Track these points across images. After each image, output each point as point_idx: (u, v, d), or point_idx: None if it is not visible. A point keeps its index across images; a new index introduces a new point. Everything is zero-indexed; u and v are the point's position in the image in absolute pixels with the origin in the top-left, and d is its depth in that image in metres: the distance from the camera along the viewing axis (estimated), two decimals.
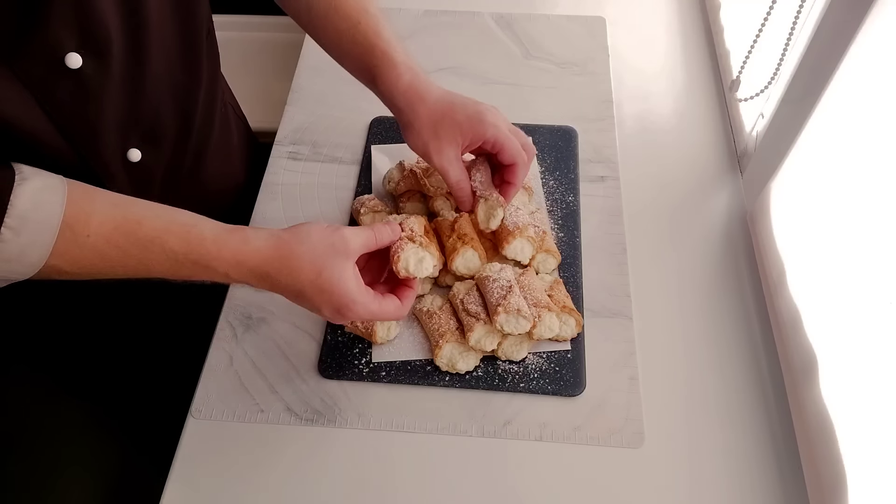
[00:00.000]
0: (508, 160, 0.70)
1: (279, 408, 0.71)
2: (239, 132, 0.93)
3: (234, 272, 0.59)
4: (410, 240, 0.68)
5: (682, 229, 0.84)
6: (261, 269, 0.59)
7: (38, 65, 0.55)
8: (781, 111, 0.78)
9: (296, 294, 0.61)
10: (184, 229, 0.58)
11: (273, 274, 0.60)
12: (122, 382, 0.88)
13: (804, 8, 0.73)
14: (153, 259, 0.57)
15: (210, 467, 0.68)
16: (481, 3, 1.09)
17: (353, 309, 0.61)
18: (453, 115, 0.69)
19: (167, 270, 0.58)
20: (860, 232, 0.60)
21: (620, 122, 0.95)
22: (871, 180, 0.59)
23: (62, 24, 0.54)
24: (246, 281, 0.60)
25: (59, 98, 0.57)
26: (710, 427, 0.70)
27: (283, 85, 1.01)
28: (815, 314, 0.67)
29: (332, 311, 0.61)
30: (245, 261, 0.59)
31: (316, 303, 0.61)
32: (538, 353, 0.73)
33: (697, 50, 1.04)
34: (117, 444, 0.84)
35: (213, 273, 0.59)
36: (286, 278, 0.60)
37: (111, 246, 0.56)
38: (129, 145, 0.68)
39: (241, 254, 0.59)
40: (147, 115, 0.67)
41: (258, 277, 0.60)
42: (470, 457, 0.68)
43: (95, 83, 0.59)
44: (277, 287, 0.61)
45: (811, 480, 0.64)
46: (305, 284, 0.60)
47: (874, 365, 0.56)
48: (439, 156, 0.70)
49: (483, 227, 0.75)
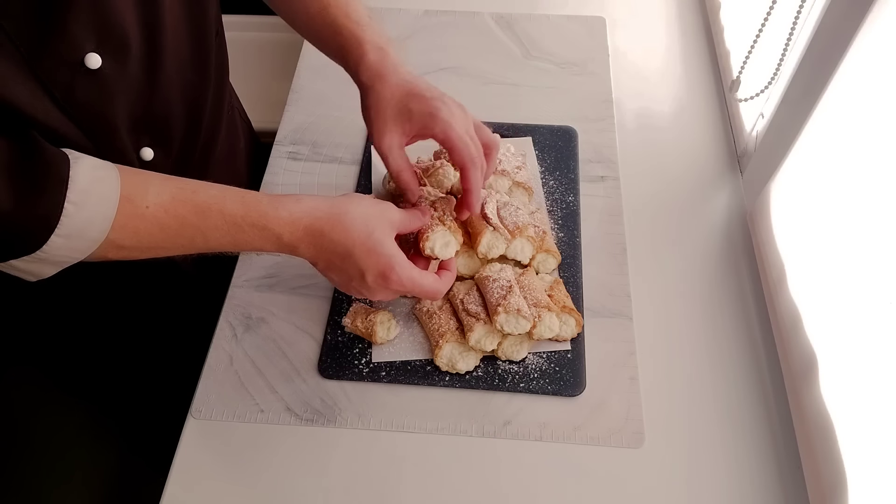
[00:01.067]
0: (457, 162, 0.67)
1: (279, 408, 0.71)
2: (245, 137, 0.93)
3: (288, 232, 0.60)
4: (441, 222, 0.70)
5: (682, 229, 0.84)
6: (315, 226, 0.60)
7: (59, 66, 0.55)
8: (781, 111, 0.78)
9: (344, 254, 0.61)
10: (238, 195, 0.59)
11: (326, 231, 0.60)
12: (122, 382, 0.88)
13: (804, 8, 0.73)
14: (211, 226, 0.58)
15: (210, 467, 0.68)
16: (481, 3, 1.09)
17: (398, 274, 0.62)
18: (408, 102, 0.66)
19: (224, 237, 0.59)
20: (860, 232, 0.60)
21: (620, 122, 0.95)
22: (871, 180, 0.59)
23: (81, 26, 0.55)
24: (297, 244, 0.61)
25: (78, 98, 0.58)
26: (710, 427, 0.70)
27: (283, 85, 1.01)
28: (815, 314, 0.67)
29: (375, 275, 0.62)
30: (300, 218, 0.60)
31: (363, 264, 0.61)
32: (538, 353, 0.73)
33: (697, 50, 1.04)
34: (117, 444, 0.84)
35: (269, 235, 0.60)
36: (339, 235, 0.61)
37: (170, 215, 0.56)
38: (142, 144, 0.69)
39: (296, 212, 0.60)
40: (159, 114, 0.68)
41: (312, 235, 0.61)
42: (470, 457, 0.68)
43: (114, 82, 0.60)
44: (328, 247, 0.61)
45: (811, 480, 0.64)
46: (356, 243, 0.61)
47: (874, 365, 0.56)
48: (380, 139, 0.68)
49: (482, 254, 0.74)
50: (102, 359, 0.87)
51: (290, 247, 0.61)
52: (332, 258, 0.62)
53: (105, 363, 0.87)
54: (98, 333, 0.86)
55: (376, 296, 0.65)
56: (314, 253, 0.62)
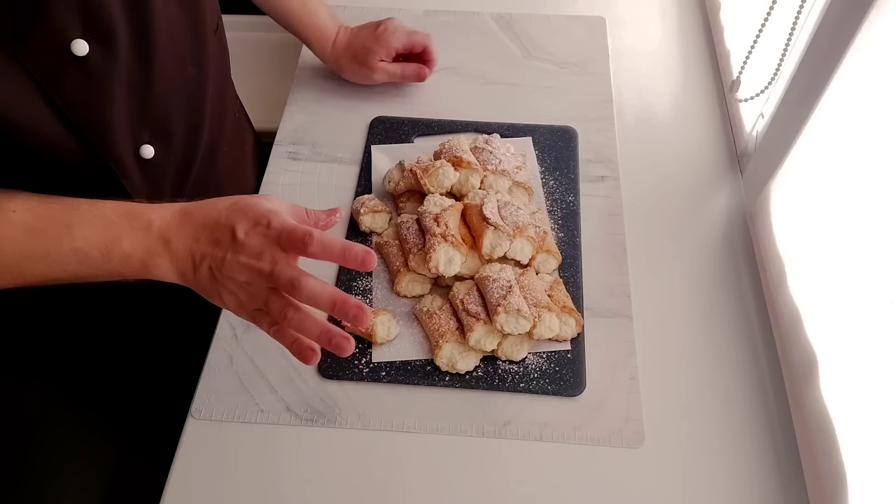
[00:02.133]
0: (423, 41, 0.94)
1: (279, 408, 0.71)
2: (251, 141, 0.94)
3: (158, 217, 0.57)
4: (443, 237, 0.71)
5: (682, 229, 0.84)
6: (185, 208, 0.58)
7: (44, 53, 0.54)
8: (781, 111, 0.78)
9: (213, 225, 0.56)
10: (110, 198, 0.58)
11: (192, 209, 0.58)
12: (122, 383, 0.88)
13: (804, 8, 0.73)
14: (79, 219, 0.55)
15: (210, 467, 0.68)
16: (481, 3, 1.09)
17: (269, 218, 0.55)
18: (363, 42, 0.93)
19: (93, 232, 0.56)
20: (860, 232, 0.60)
21: (620, 122, 0.95)
22: (871, 180, 0.59)
23: (65, 9, 0.54)
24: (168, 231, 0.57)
25: (67, 89, 0.57)
26: (710, 427, 0.70)
27: (283, 85, 1.01)
28: (815, 314, 0.67)
29: (247, 226, 0.55)
30: (171, 205, 0.58)
31: (232, 221, 0.56)
32: (538, 353, 0.73)
33: (697, 50, 1.04)
34: (117, 444, 0.84)
35: (139, 223, 0.56)
36: (206, 207, 0.57)
37: (37, 217, 0.54)
38: (142, 141, 0.68)
39: (170, 205, 0.59)
40: (157, 109, 0.67)
41: (181, 215, 0.58)
42: (470, 457, 0.68)
43: (103, 72, 0.59)
44: (197, 222, 0.57)
45: (811, 480, 0.64)
46: (222, 209, 0.57)
47: (874, 365, 0.56)
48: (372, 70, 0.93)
49: (487, 254, 0.75)
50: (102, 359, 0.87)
51: (162, 237, 0.56)
52: (202, 236, 0.56)
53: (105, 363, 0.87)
54: (98, 334, 0.86)
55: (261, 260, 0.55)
56: (185, 239, 0.57)
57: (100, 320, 0.85)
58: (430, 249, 0.72)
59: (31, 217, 0.54)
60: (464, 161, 0.80)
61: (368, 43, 0.93)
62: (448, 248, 0.72)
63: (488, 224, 0.73)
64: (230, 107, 0.83)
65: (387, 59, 0.94)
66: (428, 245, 0.73)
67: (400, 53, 0.95)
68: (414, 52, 0.96)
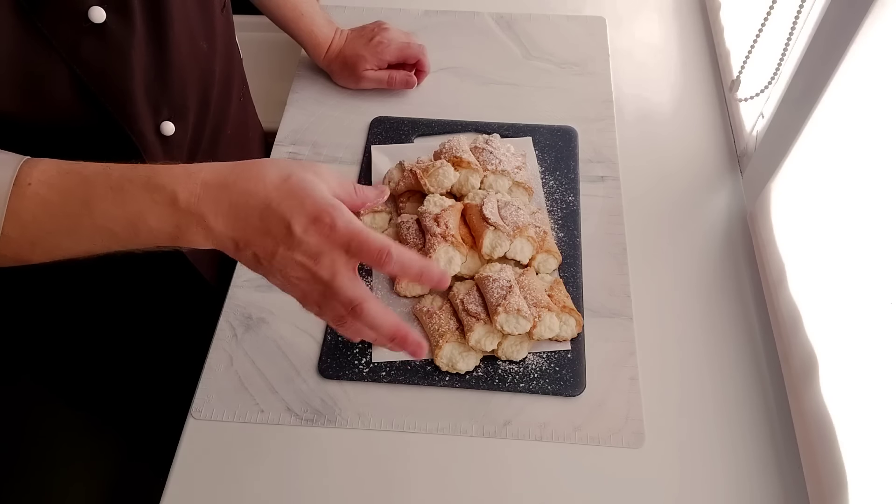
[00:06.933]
0: (418, 53, 0.95)
1: (279, 408, 0.71)
2: (258, 131, 0.94)
3: (185, 189, 0.50)
4: (443, 237, 0.71)
5: (682, 229, 0.84)
6: (216, 179, 0.50)
7: (63, 20, 0.55)
8: (781, 111, 0.78)
9: (261, 207, 0.50)
10: (129, 164, 0.52)
11: (231, 181, 0.50)
12: (122, 383, 0.88)
13: (804, 8, 0.73)
14: (97, 194, 0.50)
15: (210, 467, 0.68)
16: (481, 3, 1.09)
17: (333, 217, 0.50)
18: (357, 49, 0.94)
19: (112, 206, 0.50)
20: (860, 232, 0.60)
21: (620, 122, 0.95)
22: (871, 180, 0.59)
23: None
24: (200, 206, 0.50)
25: (85, 56, 0.57)
26: (710, 427, 0.70)
27: (283, 85, 1.01)
28: (815, 314, 0.67)
29: (305, 222, 0.50)
30: (196, 172, 0.51)
31: (285, 210, 0.50)
32: (538, 353, 0.73)
33: (697, 50, 1.04)
34: (118, 444, 0.84)
35: (162, 197, 0.50)
36: (249, 183, 0.50)
37: (53, 190, 0.50)
38: (162, 117, 0.68)
39: (193, 168, 0.51)
40: (175, 83, 0.68)
41: (215, 189, 0.50)
42: (470, 457, 0.68)
43: (121, 41, 0.60)
44: (239, 202, 0.50)
45: (811, 480, 0.64)
46: (271, 189, 0.50)
47: (874, 365, 0.56)
48: (360, 84, 0.96)
49: (487, 254, 0.75)
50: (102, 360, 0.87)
51: (193, 214, 0.50)
52: (248, 220, 0.50)
53: (105, 364, 0.87)
54: (98, 334, 0.86)
55: (319, 264, 0.51)
56: (225, 221, 0.50)
57: (100, 321, 0.85)
58: (430, 249, 0.72)
59: (46, 190, 0.50)
60: (464, 161, 0.80)
61: (361, 51, 0.94)
62: (448, 248, 0.72)
63: (488, 224, 0.73)
64: (235, 91, 0.84)
65: (376, 68, 0.95)
66: (428, 245, 0.73)
67: (391, 64, 0.96)
68: (407, 63, 0.96)
